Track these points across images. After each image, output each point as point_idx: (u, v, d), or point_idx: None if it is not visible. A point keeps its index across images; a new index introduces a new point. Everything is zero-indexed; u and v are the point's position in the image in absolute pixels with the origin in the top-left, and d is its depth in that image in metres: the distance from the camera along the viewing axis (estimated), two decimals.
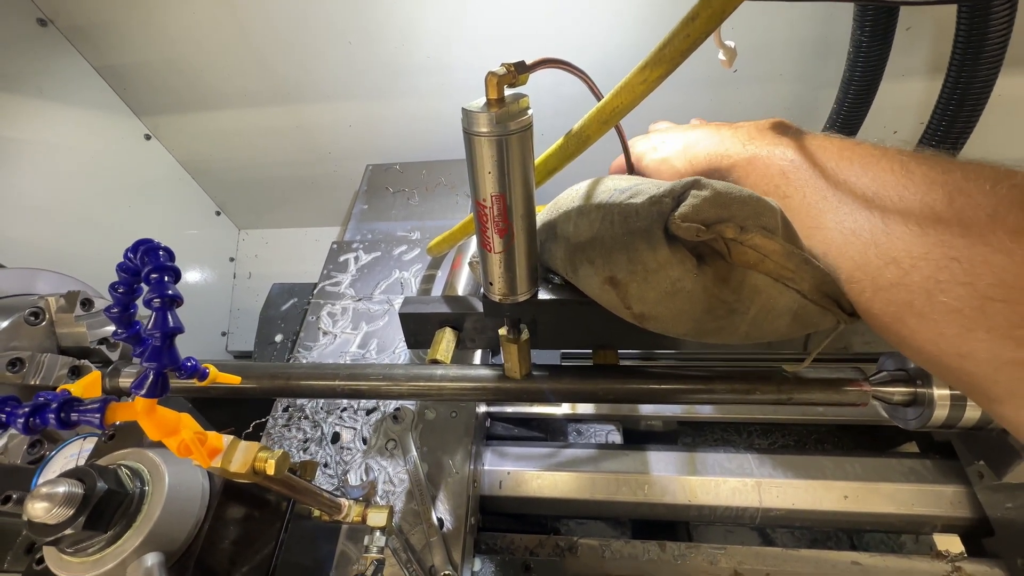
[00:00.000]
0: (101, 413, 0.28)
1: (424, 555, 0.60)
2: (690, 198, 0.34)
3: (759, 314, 0.35)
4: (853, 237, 0.32)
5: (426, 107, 1.06)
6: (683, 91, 0.96)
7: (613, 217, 0.37)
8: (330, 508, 0.51)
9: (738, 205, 0.34)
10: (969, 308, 0.26)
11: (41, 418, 0.27)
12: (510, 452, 0.87)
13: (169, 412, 0.31)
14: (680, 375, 0.47)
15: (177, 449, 0.30)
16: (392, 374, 0.52)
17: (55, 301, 0.55)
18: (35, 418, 0.27)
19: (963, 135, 0.83)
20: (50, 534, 0.33)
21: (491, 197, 0.35)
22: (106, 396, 0.30)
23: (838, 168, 0.36)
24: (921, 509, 0.76)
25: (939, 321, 0.27)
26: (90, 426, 0.28)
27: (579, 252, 0.39)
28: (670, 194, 0.35)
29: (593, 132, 0.37)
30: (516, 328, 0.46)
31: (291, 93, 1.07)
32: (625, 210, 0.37)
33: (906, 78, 0.92)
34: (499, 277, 0.39)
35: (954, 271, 0.27)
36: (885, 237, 0.30)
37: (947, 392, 0.43)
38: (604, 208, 0.38)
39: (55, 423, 0.27)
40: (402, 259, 0.90)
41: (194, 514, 0.40)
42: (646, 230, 0.35)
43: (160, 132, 1.16)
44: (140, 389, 0.28)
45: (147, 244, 0.30)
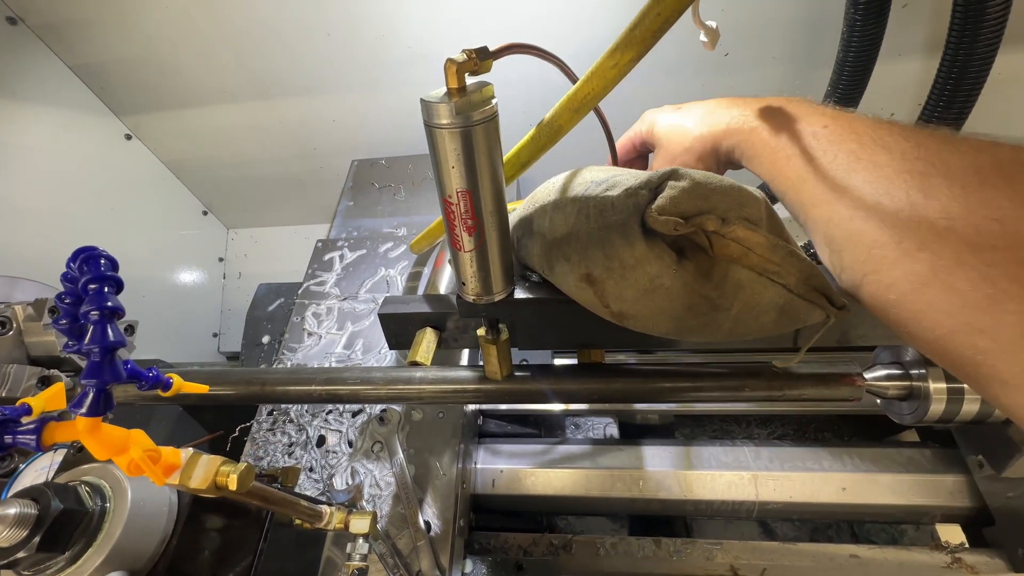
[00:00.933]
0: (37, 435, 0.26)
1: (411, 560, 0.58)
2: (667, 189, 0.32)
3: (743, 310, 0.33)
4: (886, 197, 0.29)
5: (410, 100, 1.03)
6: (672, 77, 0.94)
7: (589, 211, 0.35)
8: (310, 516, 0.49)
9: (719, 196, 0.32)
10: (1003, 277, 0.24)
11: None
12: (503, 450, 0.85)
13: (116, 429, 0.29)
14: (667, 372, 0.46)
15: (127, 468, 0.29)
16: (370, 377, 0.50)
17: (22, 310, 0.53)
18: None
19: (962, 115, 0.80)
20: (2, 557, 0.32)
21: (457, 193, 0.33)
22: (44, 416, 0.28)
23: (875, 133, 0.32)
24: (920, 499, 0.75)
25: (965, 291, 0.25)
26: (26, 448, 0.27)
27: (555, 248, 0.38)
28: (647, 185, 0.33)
29: (565, 122, 0.35)
30: (495, 328, 0.45)
31: (271, 88, 1.04)
32: (601, 204, 0.35)
33: (902, 58, 0.89)
34: (472, 277, 0.38)
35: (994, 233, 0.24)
36: (922, 196, 0.27)
37: (944, 386, 0.41)
38: (580, 202, 0.36)
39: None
40: (388, 256, 0.88)
41: (160, 529, 0.38)
42: (622, 224, 0.33)
43: (141, 132, 1.14)
44: (80, 408, 0.26)
45: (87, 252, 0.28)
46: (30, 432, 0.26)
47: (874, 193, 0.30)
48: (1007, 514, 0.69)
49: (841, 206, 0.31)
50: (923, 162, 0.28)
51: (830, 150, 0.33)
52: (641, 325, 0.36)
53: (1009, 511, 0.69)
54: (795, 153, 0.34)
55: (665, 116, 0.47)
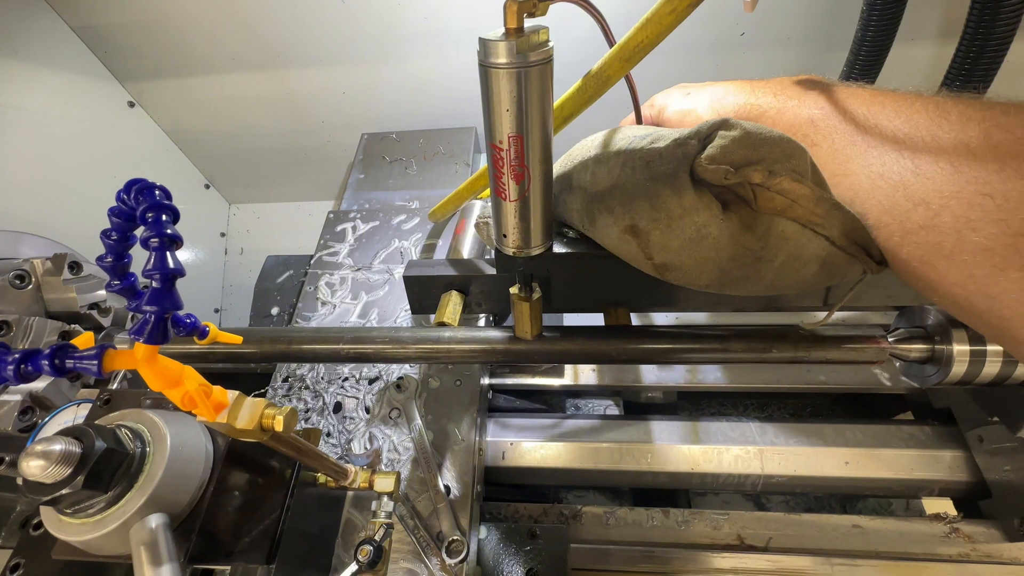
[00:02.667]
0: (99, 359, 0.26)
1: (431, 522, 0.59)
2: (718, 139, 0.32)
3: (786, 262, 0.34)
4: (881, 181, 0.31)
5: (423, 73, 1.02)
6: (687, 57, 0.94)
7: (635, 163, 0.36)
8: (336, 473, 0.50)
9: (768, 146, 0.32)
10: (1001, 246, 0.25)
11: (33, 364, 0.25)
12: (512, 423, 0.86)
13: (172, 362, 0.29)
14: (695, 335, 0.46)
15: (181, 401, 0.29)
16: (398, 337, 0.50)
17: (41, 264, 0.52)
18: (27, 364, 0.25)
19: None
20: (46, 493, 0.31)
21: (508, 138, 0.33)
22: (103, 343, 0.28)
23: (869, 113, 0.35)
24: (920, 473, 0.77)
25: (969, 262, 0.27)
26: (87, 373, 0.27)
27: (597, 202, 0.38)
28: (696, 136, 0.33)
29: (614, 72, 0.35)
30: (528, 287, 0.45)
31: (282, 58, 1.02)
32: (647, 155, 0.35)
33: (915, 42, 0.90)
34: (513, 228, 0.38)
35: (987, 208, 0.26)
36: (915, 178, 0.29)
37: (967, 348, 0.42)
38: (624, 155, 0.37)
39: (49, 370, 0.25)
40: (401, 228, 0.87)
41: (198, 476, 0.38)
42: (671, 174, 0.33)
43: (144, 99, 1.11)
44: (140, 335, 0.26)
45: (141, 183, 0.28)
46: (91, 358, 0.26)
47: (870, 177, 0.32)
48: (1003, 487, 0.71)
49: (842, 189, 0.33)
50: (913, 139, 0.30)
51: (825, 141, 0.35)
52: (684, 277, 0.36)
53: (1005, 484, 0.71)
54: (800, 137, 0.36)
55: (675, 101, 0.47)
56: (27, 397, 0.48)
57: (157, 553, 0.32)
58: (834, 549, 0.73)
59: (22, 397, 0.48)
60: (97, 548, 0.36)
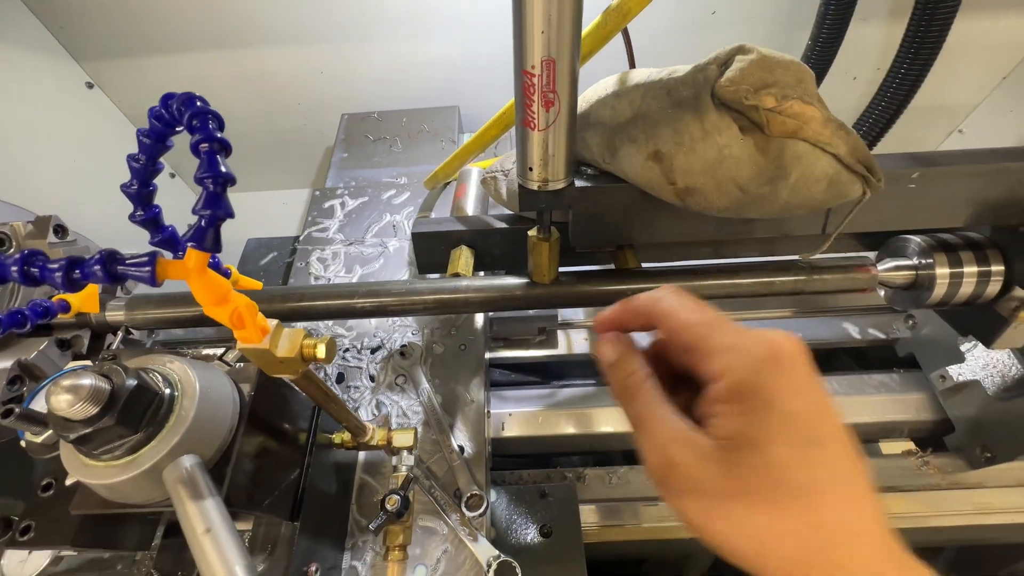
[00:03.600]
0: (151, 266, 0.25)
1: (447, 480, 0.59)
2: (736, 62, 0.35)
3: (799, 180, 0.37)
4: None
5: (404, 52, 1.02)
6: (665, 35, 0.98)
7: (656, 92, 0.37)
8: (356, 428, 0.49)
9: (782, 69, 0.35)
10: None
11: (83, 271, 0.24)
12: (509, 395, 0.87)
13: (220, 277, 0.28)
14: (705, 270, 0.49)
15: (229, 319, 0.28)
16: (415, 288, 0.50)
17: (22, 227, 0.49)
18: (77, 270, 0.24)
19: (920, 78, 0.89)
20: (77, 430, 0.30)
21: (541, 62, 0.34)
22: (155, 252, 0.27)
23: None
24: (893, 416, 0.83)
25: None
26: (139, 280, 0.25)
27: (619, 133, 0.39)
28: (715, 61, 0.35)
29: (635, 5, 0.37)
30: (547, 228, 0.46)
31: (255, 35, 0.99)
32: (668, 84, 0.37)
33: (868, 22, 0.97)
34: (539, 160, 0.39)
35: None
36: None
37: (947, 271, 0.47)
38: (644, 86, 0.38)
39: (101, 275, 0.24)
40: (392, 203, 0.86)
41: (227, 420, 0.37)
42: (693, 98, 0.35)
43: (104, 80, 1.05)
44: (195, 241, 0.25)
45: (180, 95, 0.27)
46: (143, 265, 0.25)
47: None
48: (964, 420, 0.78)
49: None
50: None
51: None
52: (704, 200, 0.38)
53: (965, 418, 0.78)
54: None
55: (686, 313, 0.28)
56: (15, 366, 0.45)
57: (197, 489, 0.31)
58: None
59: (10, 365, 0.45)
60: (122, 494, 0.34)
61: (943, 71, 0.92)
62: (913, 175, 0.41)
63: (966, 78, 1.10)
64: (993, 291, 0.47)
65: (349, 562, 0.54)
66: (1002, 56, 1.07)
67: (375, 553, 0.54)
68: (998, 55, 1.06)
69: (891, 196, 0.43)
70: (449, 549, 0.55)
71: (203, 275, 0.27)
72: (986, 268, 0.47)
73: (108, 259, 0.25)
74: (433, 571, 0.53)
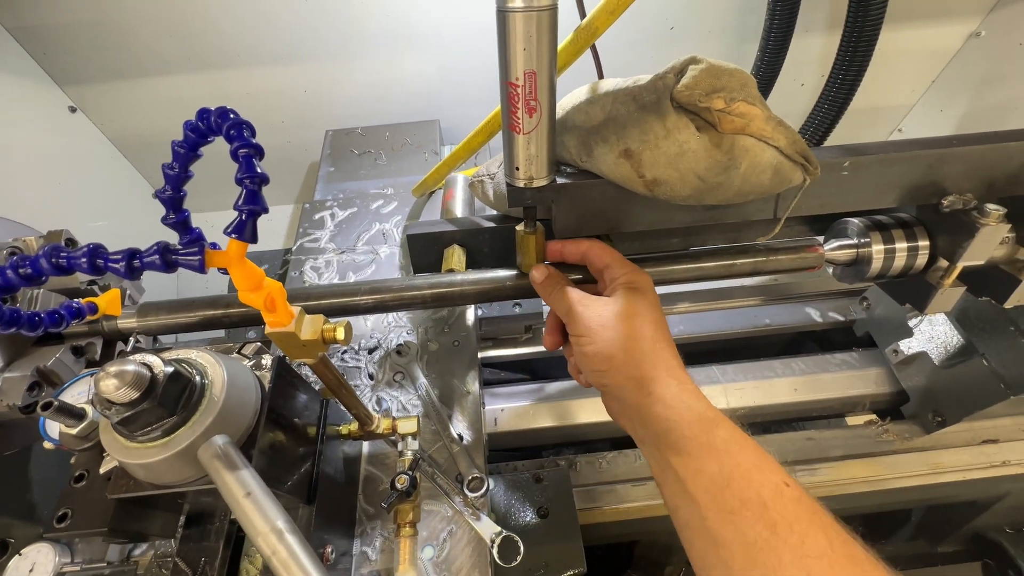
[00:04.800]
0: (201, 255, 0.29)
1: (448, 467, 0.62)
2: (689, 71, 0.41)
3: (748, 169, 0.43)
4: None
5: (384, 70, 1.07)
6: (628, 49, 1.06)
7: (624, 98, 0.43)
8: (364, 416, 0.52)
9: (728, 76, 0.41)
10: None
11: (141, 260, 0.27)
12: (500, 392, 0.91)
13: (255, 266, 0.32)
14: (675, 256, 0.55)
15: (264, 303, 0.32)
16: (413, 284, 0.54)
17: (35, 241, 0.51)
18: (137, 260, 0.27)
19: (856, 82, 0.99)
20: (121, 412, 0.33)
21: (524, 75, 0.39)
22: (202, 240, 0.30)
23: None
24: (854, 391, 0.91)
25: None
26: (190, 268, 0.29)
27: (594, 134, 0.45)
28: (672, 70, 0.41)
29: (601, 23, 0.43)
30: (532, 223, 0.51)
31: (238, 56, 1.03)
32: (633, 91, 0.43)
33: (810, 33, 1.07)
34: (524, 160, 0.44)
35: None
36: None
37: (881, 247, 0.54)
38: (613, 94, 0.44)
39: (159, 264, 0.28)
40: (380, 212, 0.90)
41: (252, 404, 0.40)
42: (656, 103, 0.41)
43: (87, 104, 1.07)
44: (237, 233, 0.29)
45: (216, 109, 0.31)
46: (194, 254, 0.29)
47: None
48: (917, 389, 0.86)
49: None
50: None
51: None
52: (670, 190, 0.44)
53: (918, 388, 0.86)
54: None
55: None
56: (34, 372, 0.47)
57: (232, 462, 0.35)
58: (795, 459, 0.83)
59: (30, 372, 0.47)
60: (157, 475, 0.37)
61: (881, 77, 1.02)
62: (845, 163, 0.48)
63: (901, 82, 1.21)
64: (921, 263, 0.54)
65: (359, 548, 0.57)
66: (930, 62, 1.19)
67: (383, 538, 0.57)
68: (926, 61, 1.18)
69: (829, 183, 0.49)
70: (453, 529, 0.58)
71: (242, 263, 0.30)
72: (914, 243, 0.54)
73: (164, 250, 0.29)
74: (440, 551, 0.57)
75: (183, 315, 0.54)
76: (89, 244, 0.28)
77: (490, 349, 0.95)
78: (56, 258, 0.27)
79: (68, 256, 0.27)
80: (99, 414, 0.39)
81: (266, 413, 0.42)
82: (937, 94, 1.23)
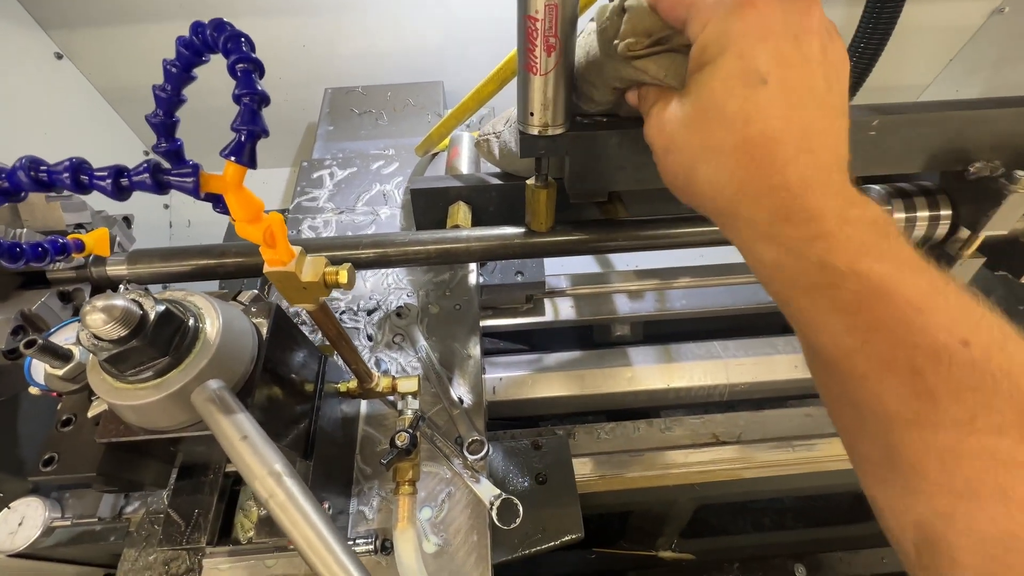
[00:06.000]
0: (195, 177, 0.27)
1: (448, 430, 0.61)
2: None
3: None
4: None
5: (386, 28, 1.02)
6: None
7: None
8: (364, 373, 0.51)
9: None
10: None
11: (130, 179, 0.25)
12: (499, 361, 0.90)
13: (254, 195, 0.30)
14: (684, 219, 0.53)
15: (263, 237, 0.29)
16: (417, 239, 0.52)
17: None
18: (125, 178, 0.25)
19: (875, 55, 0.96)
20: (109, 349, 0.31)
21: (544, 7, 0.36)
22: (197, 163, 0.28)
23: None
24: None
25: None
26: (183, 191, 0.27)
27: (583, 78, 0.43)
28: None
29: None
30: (544, 177, 0.49)
31: (233, 5, 0.98)
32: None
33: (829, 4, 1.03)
34: (540, 104, 0.41)
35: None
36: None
37: (903, 215, 0.52)
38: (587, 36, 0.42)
39: (150, 183, 0.25)
40: (381, 173, 0.88)
41: (248, 349, 0.38)
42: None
43: (74, 51, 1.01)
44: (233, 155, 0.27)
45: (210, 22, 0.29)
46: (188, 175, 0.26)
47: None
48: None
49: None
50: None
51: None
52: None
53: None
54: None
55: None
56: (18, 315, 0.45)
57: (227, 406, 0.33)
58: (793, 435, 0.84)
59: (14, 316, 0.45)
60: (149, 418, 0.35)
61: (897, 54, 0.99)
62: (873, 122, 0.46)
63: (918, 60, 1.18)
64: (942, 233, 0.53)
65: (356, 507, 0.56)
66: (949, 40, 1.15)
67: (381, 498, 0.56)
68: (945, 38, 1.15)
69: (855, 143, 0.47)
70: (452, 491, 0.57)
71: (240, 190, 0.28)
72: (936, 212, 0.52)
73: (155, 169, 0.26)
74: (438, 511, 0.56)
75: (176, 263, 0.51)
76: (72, 157, 0.26)
77: (490, 319, 0.94)
78: (36, 171, 0.25)
79: (49, 170, 0.25)
80: (86, 355, 0.37)
81: (263, 362, 0.40)
82: (953, 73, 1.20)
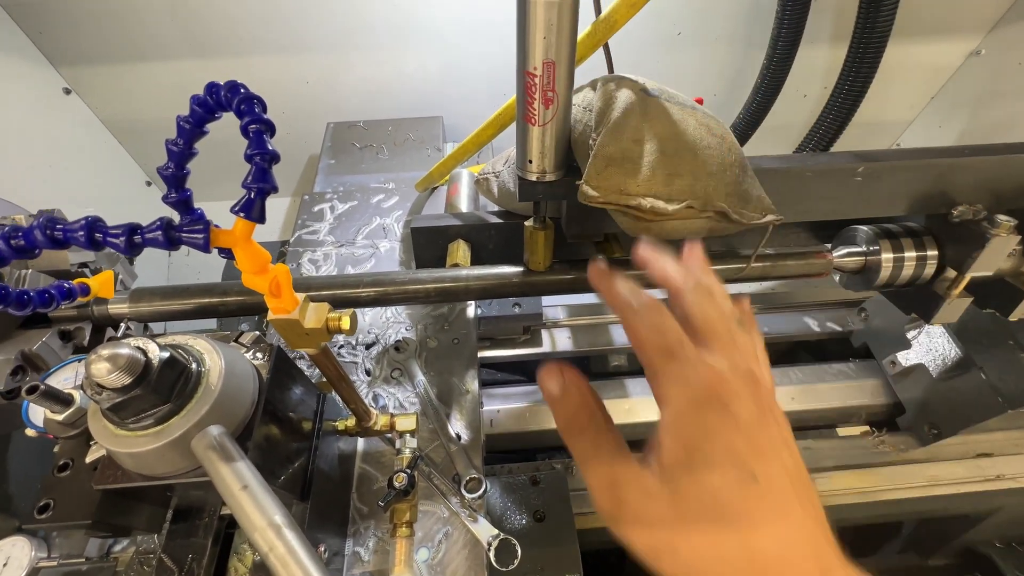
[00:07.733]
0: (206, 233, 0.27)
1: (445, 467, 0.61)
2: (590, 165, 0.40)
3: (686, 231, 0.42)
4: None
5: (387, 63, 1.05)
6: (637, 52, 1.05)
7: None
8: (363, 411, 0.51)
9: (630, 164, 0.40)
10: None
11: (143, 236, 0.26)
12: (497, 393, 0.90)
13: (261, 248, 0.30)
14: None
15: (268, 287, 0.30)
16: (417, 277, 0.53)
17: (24, 220, 0.49)
18: (138, 235, 0.26)
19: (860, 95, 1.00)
20: (112, 398, 0.31)
21: (542, 64, 0.38)
22: (208, 219, 0.29)
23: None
24: (851, 402, 0.91)
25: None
26: (193, 247, 0.28)
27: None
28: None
29: (620, 16, 0.42)
30: (542, 219, 0.50)
31: (239, 44, 1.01)
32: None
33: (814, 45, 1.08)
34: (538, 153, 0.43)
35: None
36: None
37: (891, 255, 0.53)
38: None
39: (161, 240, 0.26)
40: (381, 207, 0.89)
41: (250, 393, 0.39)
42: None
43: (82, 86, 1.04)
44: (244, 211, 0.27)
45: (225, 83, 0.30)
46: (199, 232, 0.27)
47: None
48: (914, 402, 0.86)
49: None
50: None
51: None
52: None
53: (914, 400, 0.86)
54: None
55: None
56: (19, 356, 0.45)
57: (228, 453, 0.33)
58: None
59: (14, 356, 0.45)
60: (148, 465, 0.35)
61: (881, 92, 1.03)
62: (859, 168, 0.48)
63: (901, 97, 1.23)
64: (929, 273, 0.54)
65: (352, 548, 0.55)
66: (930, 78, 1.20)
67: (377, 539, 0.56)
68: (926, 77, 1.19)
69: (842, 188, 0.49)
70: (450, 531, 0.57)
71: (249, 244, 0.29)
72: (923, 253, 0.54)
73: (167, 226, 0.27)
74: (435, 552, 0.55)
75: (177, 302, 0.52)
76: (87, 216, 0.26)
77: (487, 349, 0.94)
78: (52, 230, 0.26)
79: (64, 228, 0.26)
80: (87, 400, 0.37)
81: (263, 405, 0.40)
82: (936, 110, 1.25)
